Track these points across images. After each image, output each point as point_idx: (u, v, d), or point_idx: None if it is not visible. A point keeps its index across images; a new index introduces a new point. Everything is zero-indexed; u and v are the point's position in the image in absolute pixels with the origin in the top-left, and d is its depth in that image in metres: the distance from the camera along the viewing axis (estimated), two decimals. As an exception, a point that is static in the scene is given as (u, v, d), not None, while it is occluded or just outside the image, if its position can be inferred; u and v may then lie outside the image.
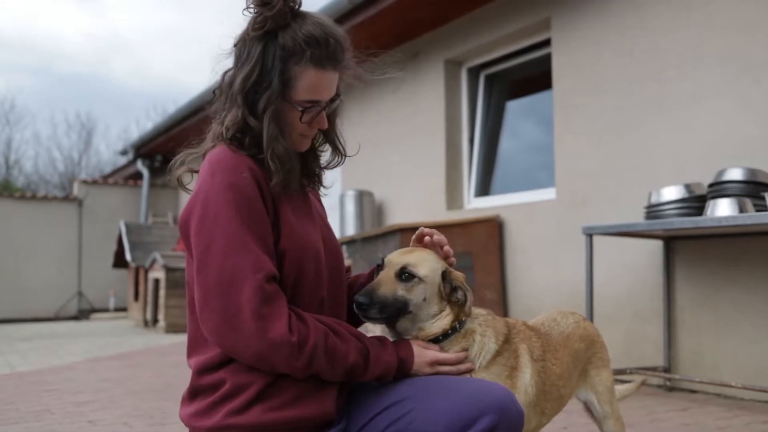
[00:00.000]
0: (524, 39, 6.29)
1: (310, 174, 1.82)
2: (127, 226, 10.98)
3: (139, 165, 13.89)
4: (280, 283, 1.57)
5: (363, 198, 7.67)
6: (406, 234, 5.76)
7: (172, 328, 9.14)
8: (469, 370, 1.69)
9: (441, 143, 6.90)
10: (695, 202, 4.22)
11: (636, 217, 4.72)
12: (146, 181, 13.87)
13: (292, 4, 1.67)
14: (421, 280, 1.68)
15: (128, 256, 10.56)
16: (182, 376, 5.35)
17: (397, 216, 7.39)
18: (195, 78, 52.81)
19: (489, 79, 6.97)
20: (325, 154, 1.87)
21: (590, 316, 4.32)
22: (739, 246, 4.33)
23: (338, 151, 1.85)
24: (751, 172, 4.03)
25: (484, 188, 6.90)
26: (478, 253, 5.95)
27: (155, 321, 9.65)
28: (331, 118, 1.79)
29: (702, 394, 4.41)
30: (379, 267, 1.76)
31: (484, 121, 6.95)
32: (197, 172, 1.71)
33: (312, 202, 1.81)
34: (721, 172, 4.14)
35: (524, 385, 1.75)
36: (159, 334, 9.02)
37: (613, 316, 4.93)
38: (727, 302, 4.39)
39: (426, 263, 1.70)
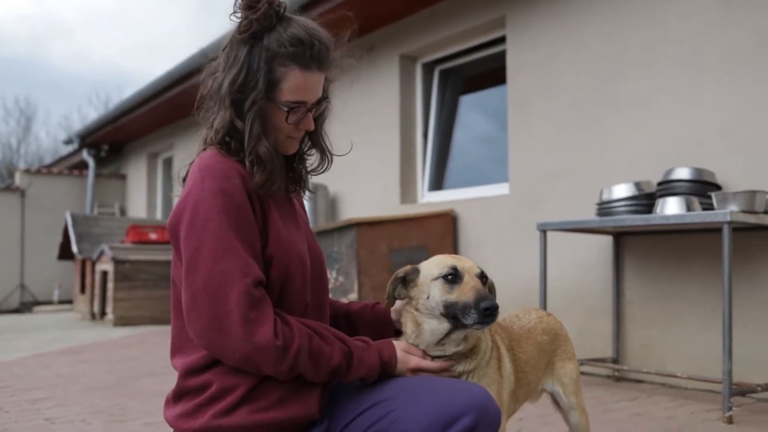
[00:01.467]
0: (479, 36, 6.39)
1: (296, 178, 1.85)
2: (74, 218, 10.75)
3: (85, 154, 13.59)
4: (266, 287, 1.60)
5: (317, 192, 7.68)
6: (362, 228, 5.81)
7: (121, 321, 9.01)
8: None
9: (395, 137, 6.96)
10: (645, 200, 4.37)
11: (588, 213, 4.87)
12: (92, 171, 13.58)
13: (277, 7, 1.69)
14: (488, 281, 1.77)
15: (75, 248, 10.33)
16: (136, 371, 5.31)
17: (352, 210, 7.44)
18: (139, 64, 51.74)
19: (443, 74, 7.06)
20: (312, 159, 1.90)
21: (544, 309, 4.44)
22: (686, 242, 4.51)
23: (325, 155, 1.88)
24: (698, 171, 4.20)
25: (437, 182, 6.99)
26: (432, 247, 6.03)
27: (103, 314, 9.49)
28: (318, 121, 1.82)
29: (648, 384, 4.59)
30: (448, 278, 1.73)
31: (438, 116, 7.04)
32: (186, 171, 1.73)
33: (296, 207, 1.85)
34: (670, 171, 4.31)
35: (507, 374, 1.84)
36: (107, 328, 8.88)
37: (565, 309, 5.07)
38: (674, 296, 4.57)
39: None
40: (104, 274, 9.44)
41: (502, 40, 6.10)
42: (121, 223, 11.12)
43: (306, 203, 6.95)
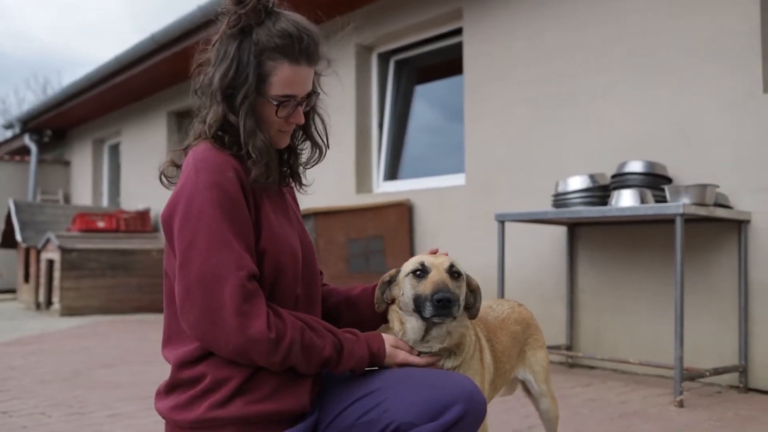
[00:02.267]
0: (435, 27, 6.44)
1: (292, 172, 1.87)
2: (17, 205, 10.45)
3: (27, 140, 13.20)
4: (259, 281, 1.62)
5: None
6: (319, 217, 5.83)
7: (68, 311, 8.83)
8: None
9: (351, 127, 6.98)
10: (599, 192, 4.50)
11: (542, 204, 4.99)
12: (34, 157, 13.20)
13: (265, 2, 1.71)
14: (463, 277, 1.77)
15: (18, 236, 10.06)
16: (90, 362, 5.23)
17: (307, 199, 7.33)
18: (79, 46, 50.33)
19: (399, 64, 7.10)
20: (306, 152, 1.91)
21: (503, 299, 4.55)
22: (638, 233, 4.67)
23: (318, 147, 1.90)
24: (650, 164, 4.35)
25: (392, 172, 7.04)
26: (389, 237, 6.09)
27: (49, 303, 9.27)
28: (309, 114, 1.84)
29: (600, 370, 4.74)
30: (417, 273, 1.76)
31: (393, 106, 7.08)
32: (179, 166, 1.72)
33: (288, 201, 1.86)
34: (623, 164, 4.44)
35: (488, 364, 1.90)
36: (54, 318, 8.69)
37: (521, 298, 5.12)
38: (626, 285, 4.73)
39: (459, 263, 1.79)
40: (50, 262, 9.22)
41: (458, 31, 6.17)
42: (67, 211, 10.86)
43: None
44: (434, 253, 1.83)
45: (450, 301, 1.66)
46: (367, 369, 1.75)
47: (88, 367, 5.00)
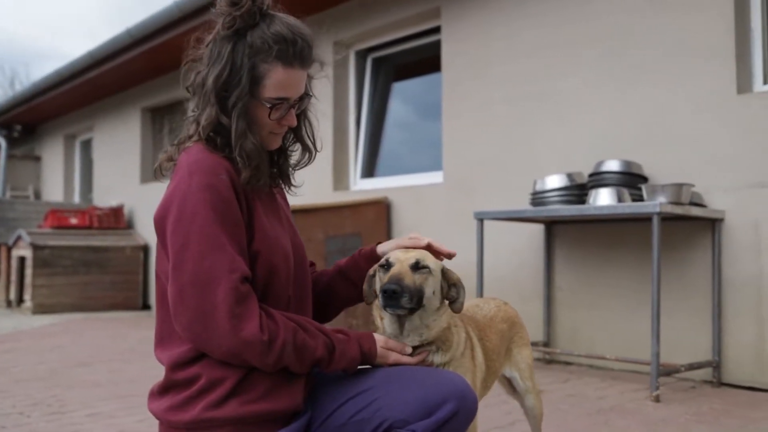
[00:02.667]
0: (414, 25, 6.46)
1: (281, 174, 1.88)
2: (-14, 201, 10.31)
3: (-5, 135, 13.01)
4: (251, 282, 1.63)
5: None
6: (298, 215, 5.82)
7: (40, 309, 8.73)
8: None
9: (328, 125, 6.97)
10: (576, 190, 4.56)
11: (519, 203, 5.04)
12: (4, 153, 13.00)
13: (260, 4, 1.71)
14: (431, 272, 1.77)
15: (-12, 233, 9.92)
16: (67, 361, 5.19)
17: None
18: (48, 41, 49.55)
19: (376, 62, 7.11)
20: (295, 154, 1.92)
21: (480, 296, 4.59)
22: (614, 231, 4.74)
23: (308, 150, 1.91)
24: (627, 164, 4.42)
25: (369, 170, 7.06)
26: (366, 234, 6.11)
27: (20, 301, 9.16)
28: (300, 117, 1.85)
29: (577, 366, 4.81)
30: (383, 266, 1.79)
31: (370, 104, 7.09)
32: (173, 161, 1.72)
33: (279, 202, 1.87)
34: (600, 164, 4.51)
35: (480, 363, 1.92)
36: (26, 315, 8.59)
37: (498, 296, 5.22)
38: (602, 282, 4.80)
39: (430, 258, 1.79)
40: (22, 260, 9.11)
41: (436, 30, 6.20)
42: (38, 207, 10.73)
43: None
44: (413, 239, 1.86)
45: (395, 293, 1.67)
46: (358, 368, 1.77)
47: (65, 366, 4.96)
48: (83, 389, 4.15)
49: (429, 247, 1.87)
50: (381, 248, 1.93)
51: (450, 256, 1.89)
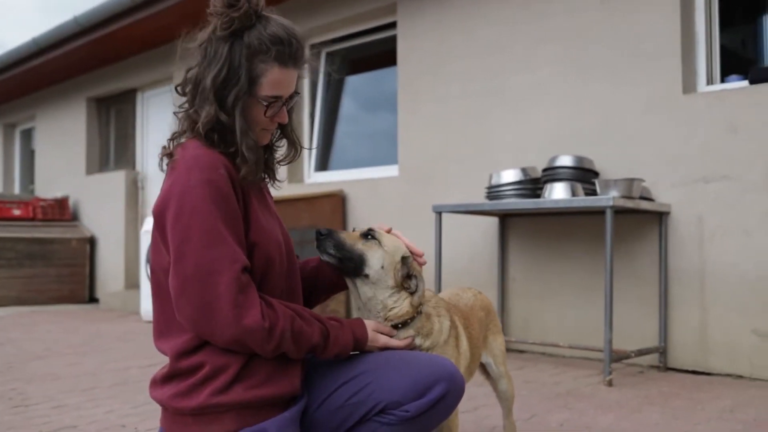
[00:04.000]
0: (369, 20, 6.54)
1: (267, 169, 1.95)
2: None
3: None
4: (249, 273, 1.70)
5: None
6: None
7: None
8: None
9: (283, 117, 6.98)
10: (530, 184, 4.73)
11: (474, 196, 5.20)
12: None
13: (255, 6, 1.78)
14: (380, 245, 1.88)
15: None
16: (21, 354, 5.12)
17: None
18: (-23, 26, 47.74)
19: (330, 55, 7.16)
20: (280, 150, 2.00)
21: (438, 288, 4.72)
22: (565, 223, 4.93)
23: (294, 145, 1.98)
24: (579, 159, 4.60)
25: (323, 163, 7.12)
26: (323, 227, 6.16)
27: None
28: (288, 114, 1.93)
29: (531, 354, 4.99)
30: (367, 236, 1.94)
31: (324, 97, 7.15)
32: (169, 156, 1.76)
33: (266, 196, 1.94)
34: (554, 159, 4.68)
35: (465, 350, 2.03)
36: (-32, 310, 8.37)
37: (454, 286, 5.38)
38: (553, 273, 4.99)
39: (390, 240, 1.91)
40: (-37, 252, 8.86)
41: (392, 25, 6.29)
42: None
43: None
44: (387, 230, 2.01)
45: (321, 234, 1.88)
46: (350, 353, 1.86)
47: (20, 360, 4.89)
48: (43, 383, 4.11)
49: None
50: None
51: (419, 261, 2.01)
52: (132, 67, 9.02)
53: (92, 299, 9.53)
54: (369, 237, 1.89)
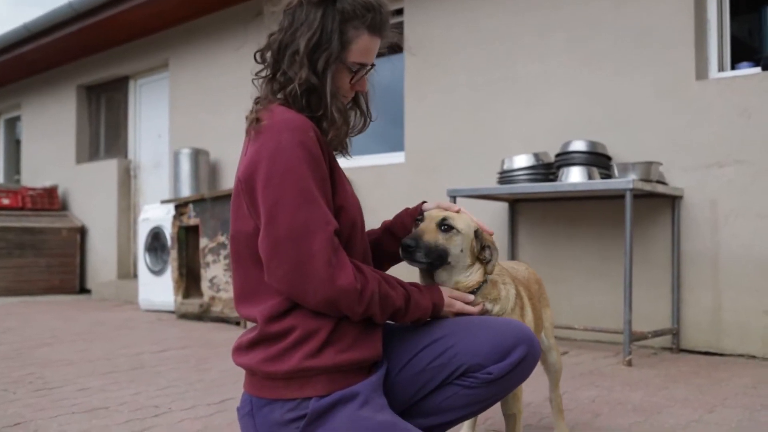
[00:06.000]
0: (373, 8, 6.51)
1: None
2: None
3: None
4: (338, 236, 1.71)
5: (199, 157, 7.55)
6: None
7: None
8: None
9: (284, 105, 6.96)
10: (543, 169, 4.77)
11: (482, 182, 5.22)
12: None
13: None
14: (458, 231, 1.87)
15: None
16: (27, 342, 5.06)
17: (234, 176, 7.36)
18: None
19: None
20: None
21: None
22: (576, 208, 4.98)
23: (364, 116, 1.98)
24: (593, 144, 4.64)
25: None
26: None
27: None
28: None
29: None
30: (417, 221, 1.93)
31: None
32: (257, 120, 1.74)
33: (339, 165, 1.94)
34: (567, 144, 4.72)
35: (530, 320, 2.05)
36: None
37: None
38: (565, 257, 5.03)
39: (462, 219, 1.90)
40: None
41: (399, 11, 6.29)
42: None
43: (187, 167, 7.03)
44: (449, 205, 1.97)
45: (410, 247, 1.82)
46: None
47: (27, 347, 4.83)
48: (58, 367, 4.07)
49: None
50: (425, 206, 2.02)
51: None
52: (125, 54, 8.92)
53: (83, 290, 9.43)
54: (445, 228, 1.88)
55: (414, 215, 2.03)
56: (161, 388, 3.52)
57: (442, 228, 1.87)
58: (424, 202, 2.06)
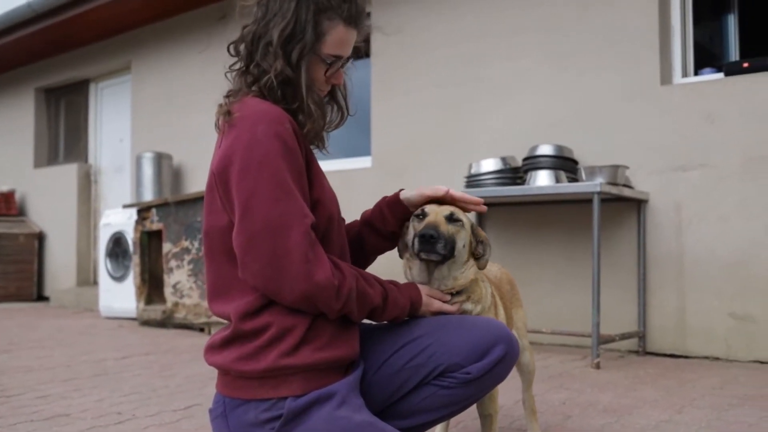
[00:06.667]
0: (339, 12, 6.49)
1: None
2: None
3: None
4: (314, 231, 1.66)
5: (162, 161, 7.42)
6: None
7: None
8: None
9: (249, 108, 6.89)
10: (510, 173, 4.78)
11: (450, 186, 5.18)
12: None
13: None
14: (463, 225, 1.85)
15: None
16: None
17: (198, 181, 7.28)
18: None
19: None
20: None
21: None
22: (544, 212, 5.00)
23: (341, 110, 1.95)
24: (559, 148, 4.67)
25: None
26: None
27: None
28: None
29: (508, 342, 5.03)
30: (418, 216, 1.87)
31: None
32: (228, 113, 1.70)
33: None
34: (534, 148, 4.74)
35: (502, 318, 2.03)
36: None
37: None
38: (532, 261, 5.05)
39: (463, 213, 1.88)
40: None
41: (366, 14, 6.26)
42: None
43: (150, 171, 6.91)
44: (435, 188, 1.89)
45: (432, 237, 1.75)
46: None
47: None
48: (16, 374, 3.95)
49: (448, 196, 1.90)
50: (403, 194, 1.95)
51: (479, 210, 1.91)
52: (86, 56, 8.75)
53: (40, 297, 9.20)
54: (453, 219, 1.84)
55: (392, 204, 1.97)
56: (124, 394, 3.43)
57: (451, 221, 1.84)
58: (402, 189, 2.00)
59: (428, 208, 1.87)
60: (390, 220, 1.95)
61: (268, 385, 1.61)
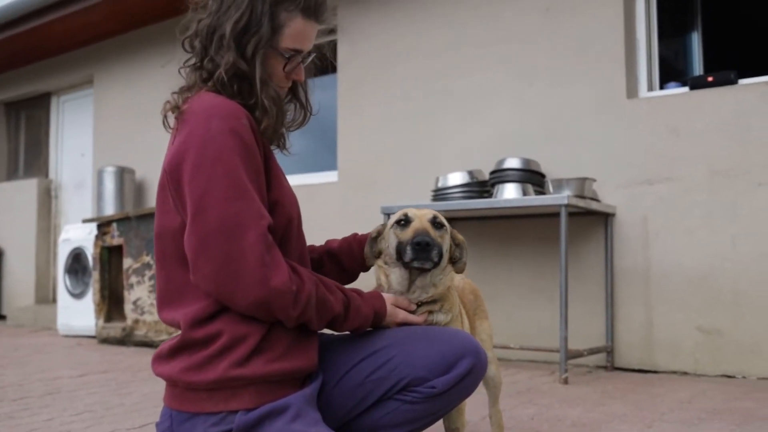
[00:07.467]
0: (306, 26, 6.44)
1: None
2: None
3: None
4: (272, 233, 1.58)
5: (124, 175, 7.27)
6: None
7: None
8: None
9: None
10: (477, 187, 4.73)
11: (417, 200, 5.15)
12: None
13: None
14: (447, 230, 1.79)
15: None
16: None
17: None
18: None
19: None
20: (288, 114, 1.88)
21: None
22: (511, 226, 4.95)
23: (304, 108, 1.87)
24: (527, 161, 4.63)
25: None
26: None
27: None
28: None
29: (476, 358, 4.96)
30: (400, 222, 1.80)
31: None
32: (177, 108, 1.62)
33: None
34: (502, 161, 4.70)
35: (467, 328, 1.96)
36: None
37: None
38: (499, 276, 4.99)
39: (442, 217, 1.82)
40: None
41: (332, 30, 6.22)
42: None
43: (111, 186, 6.75)
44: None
45: (429, 245, 1.70)
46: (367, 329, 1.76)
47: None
48: (-34, 392, 3.78)
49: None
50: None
51: None
52: (47, 69, 8.57)
53: (-2, 315, 8.94)
54: (437, 225, 1.79)
55: (363, 244, 1.92)
56: (77, 413, 3.28)
57: (435, 225, 1.77)
58: (356, 234, 1.99)
59: (410, 212, 1.81)
60: (359, 260, 1.90)
61: (218, 397, 1.51)
